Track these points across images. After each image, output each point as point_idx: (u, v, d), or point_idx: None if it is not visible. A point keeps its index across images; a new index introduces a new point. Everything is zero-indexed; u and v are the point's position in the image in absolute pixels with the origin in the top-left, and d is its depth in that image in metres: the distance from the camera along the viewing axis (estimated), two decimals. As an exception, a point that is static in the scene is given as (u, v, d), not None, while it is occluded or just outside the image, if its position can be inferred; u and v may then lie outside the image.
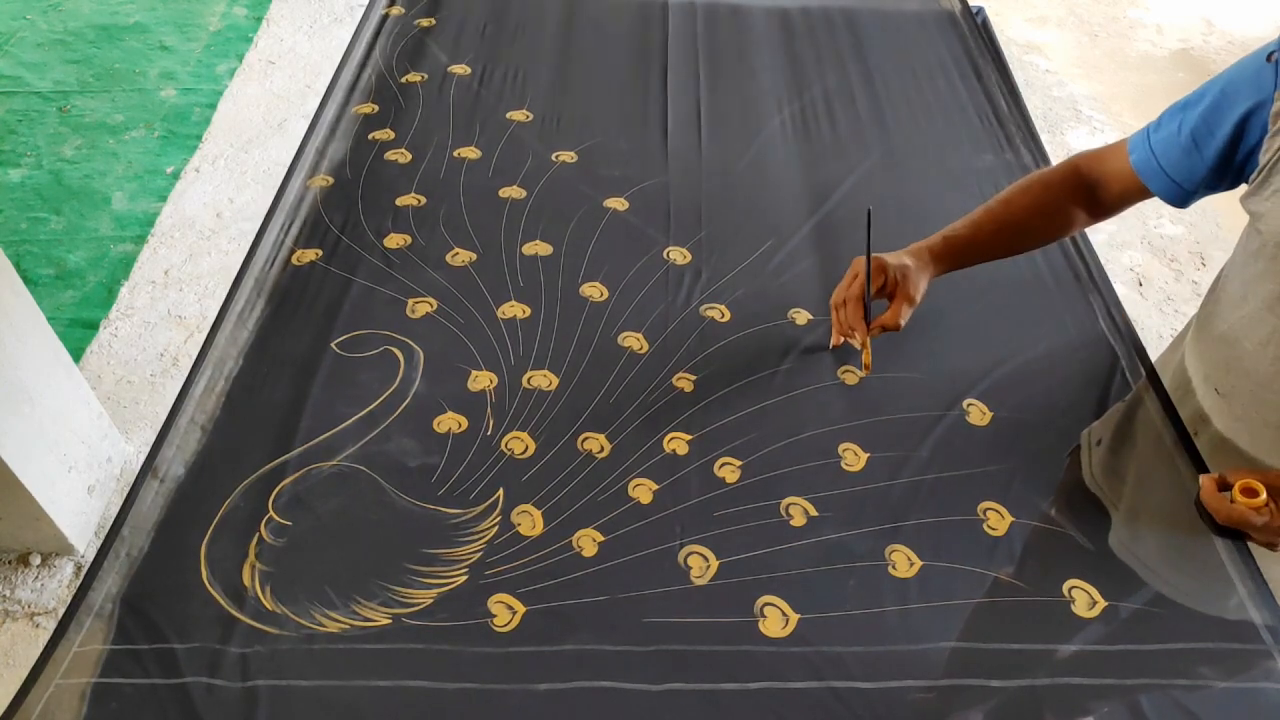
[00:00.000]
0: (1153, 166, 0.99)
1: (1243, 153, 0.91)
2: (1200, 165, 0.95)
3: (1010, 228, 1.09)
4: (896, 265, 1.06)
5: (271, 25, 3.56)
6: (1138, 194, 1.04)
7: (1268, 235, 0.87)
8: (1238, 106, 0.90)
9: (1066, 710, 0.85)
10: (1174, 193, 0.99)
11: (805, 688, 0.83)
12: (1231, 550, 0.93)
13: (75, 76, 3.23)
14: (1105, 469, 1.03)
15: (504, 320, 1.16)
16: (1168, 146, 0.97)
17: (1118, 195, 1.06)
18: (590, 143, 1.46)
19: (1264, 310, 0.89)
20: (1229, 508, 0.87)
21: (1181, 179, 0.97)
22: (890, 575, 0.92)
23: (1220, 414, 0.99)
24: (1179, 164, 0.97)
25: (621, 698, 0.81)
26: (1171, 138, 0.97)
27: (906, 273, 1.06)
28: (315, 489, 0.96)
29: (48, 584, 1.88)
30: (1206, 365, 1.01)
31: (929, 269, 1.08)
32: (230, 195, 2.81)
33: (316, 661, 0.83)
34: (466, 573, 0.90)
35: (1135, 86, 3.56)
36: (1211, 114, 0.93)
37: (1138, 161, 1.01)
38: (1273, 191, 0.86)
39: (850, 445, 1.03)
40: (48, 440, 1.76)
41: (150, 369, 2.31)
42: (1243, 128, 0.90)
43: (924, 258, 1.08)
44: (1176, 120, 0.97)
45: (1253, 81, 0.89)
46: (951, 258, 1.09)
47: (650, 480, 0.99)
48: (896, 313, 1.05)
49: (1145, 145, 1.00)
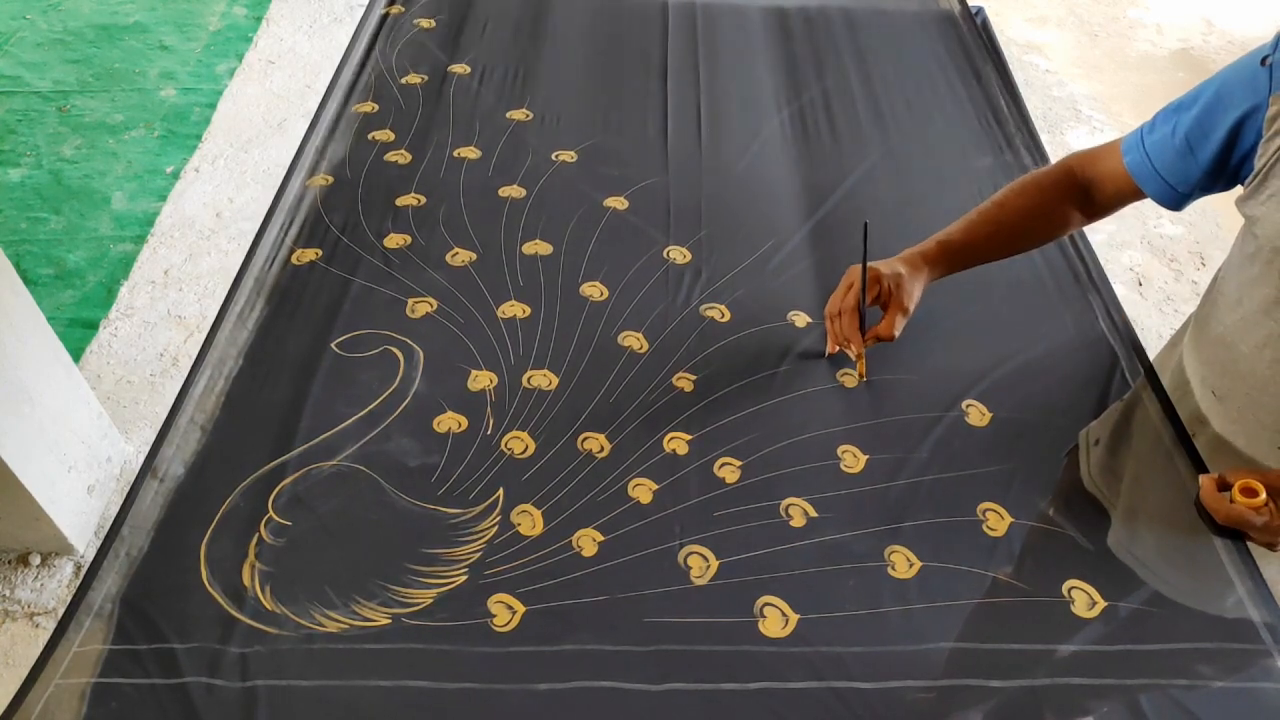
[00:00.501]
0: (1147, 169, 0.99)
1: (1238, 156, 0.91)
2: (1194, 168, 0.95)
3: (1005, 230, 1.09)
4: (890, 274, 1.06)
5: (271, 25, 3.56)
6: (1131, 195, 1.04)
7: (1264, 239, 0.87)
8: (1232, 110, 0.90)
9: (1066, 710, 0.85)
10: (1168, 195, 0.99)
11: (805, 688, 0.83)
12: (1230, 550, 0.93)
13: (75, 76, 3.23)
14: (1103, 469, 1.03)
15: (504, 320, 1.16)
16: (1162, 149, 0.97)
17: (1111, 196, 1.06)
18: (590, 142, 1.46)
19: (1260, 314, 0.89)
20: (1228, 508, 0.87)
21: (1176, 182, 0.97)
22: (890, 576, 0.92)
23: (1217, 415, 0.99)
24: (1173, 167, 0.97)
25: (621, 698, 0.81)
26: (1166, 140, 0.97)
27: (900, 281, 1.05)
28: (315, 489, 0.96)
29: (47, 584, 1.88)
30: (1203, 367, 1.01)
31: (923, 275, 1.08)
32: (230, 195, 2.81)
33: (316, 661, 0.82)
34: (466, 572, 0.90)
35: (1135, 86, 3.57)
36: (1206, 117, 0.93)
37: (1132, 164, 1.01)
38: (1268, 196, 0.86)
39: (850, 446, 1.03)
40: (47, 440, 1.76)
41: (150, 369, 2.31)
42: (1237, 131, 0.90)
43: (918, 264, 1.08)
44: (1171, 123, 0.97)
45: (1248, 85, 0.88)
46: (946, 262, 1.09)
47: (650, 480, 0.99)
48: (891, 323, 1.04)
49: (1139, 147, 1.00)
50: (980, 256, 1.10)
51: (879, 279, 1.06)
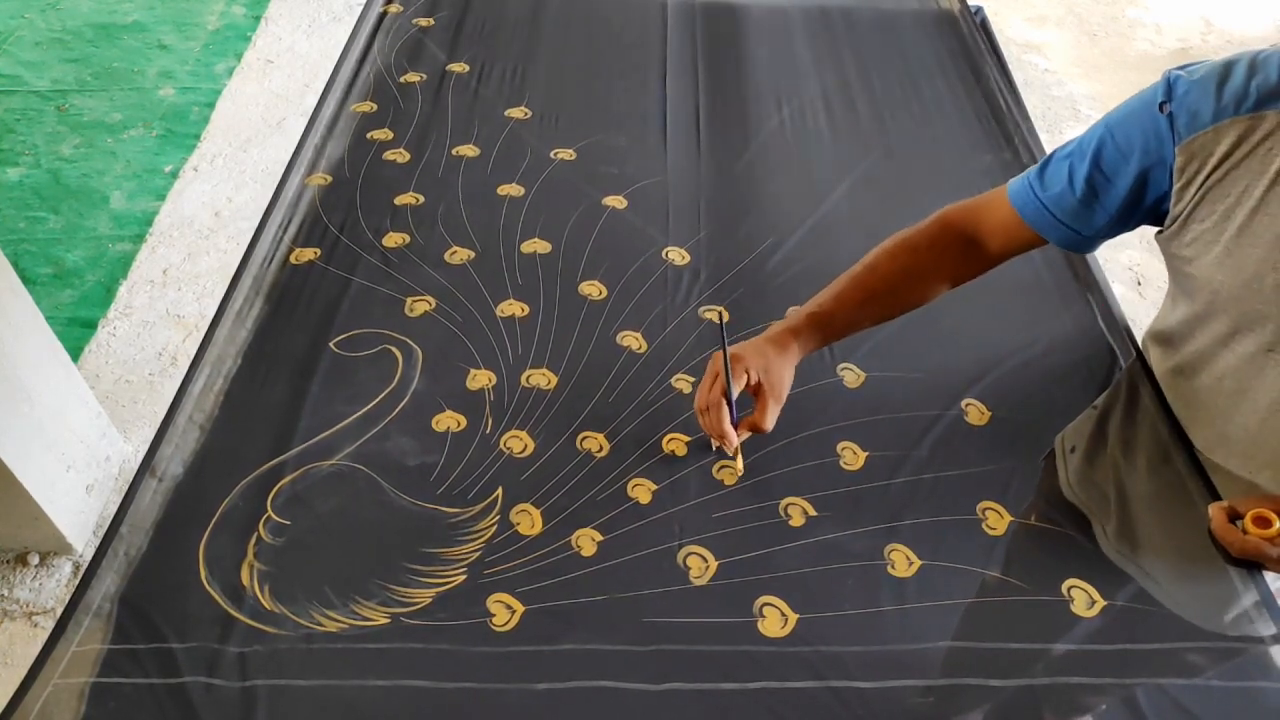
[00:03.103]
0: (1046, 218, 0.94)
1: (1150, 199, 0.88)
2: (1102, 214, 0.91)
3: (879, 296, 1.02)
4: (758, 362, 0.98)
5: (270, 24, 3.56)
6: (1025, 245, 0.99)
7: (1201, 279, 0.86)
8: (1133, 161, 0.86)
9: (1066, 709, 0.85)
10: (1074, 241, 0.95)
11: (804, 687, 0.82)
12: (1242, 573, 0.92)
13: (73, 75, 3.22)
14: (1082, 479, 1.01)
15: (503, 319, 1.16)
16: (1061, 197, 0.93)
17: (1000, 248, 1.01)
18: (589, 140, 1.46)
19: (1218, 345, 0.89)
20: (1243, 540, 0.82)
21: (1080, 227, 0.93)
22: (889, 575, 0.92)
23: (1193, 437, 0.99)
24: (1077, 214, 0.92)
25: (621, 697, 0.81)
26: (1064, 188, 0.92)
27: (768, 367, 0.98)
28: (314, 488, 0.96)
29: (46, 583, 1.87)
30: (1170, 392, 1.02)
31: (793, 354, 1.00)
32: (229, 194, 2.80)
33: (315, 661, 0.82)
34: (465, 572, 0.90)
35: (1135, 86, 3.54)
36: (1108, 164, 0.88)
37: (1028, 214, 0.96)
38: (1192, 239, 0.84)
39: (849, 444, 1.03)
40: (46, 439, 1.76)
41: (149, 368, 2.31)
42: (1144, 180, 0.86)
43: (786, 343, 1.01)
44: (1064, 169, 0.92)
45: (1149, 135, 0.83)
46: (818, 335, 1.02)
47: (649, 480, 0.99)
48: (763, 414, 0.97)
49: (1033, 197, 0.95)
50: (854, 325, 1.03)
51: (746, 369, 0.98)
